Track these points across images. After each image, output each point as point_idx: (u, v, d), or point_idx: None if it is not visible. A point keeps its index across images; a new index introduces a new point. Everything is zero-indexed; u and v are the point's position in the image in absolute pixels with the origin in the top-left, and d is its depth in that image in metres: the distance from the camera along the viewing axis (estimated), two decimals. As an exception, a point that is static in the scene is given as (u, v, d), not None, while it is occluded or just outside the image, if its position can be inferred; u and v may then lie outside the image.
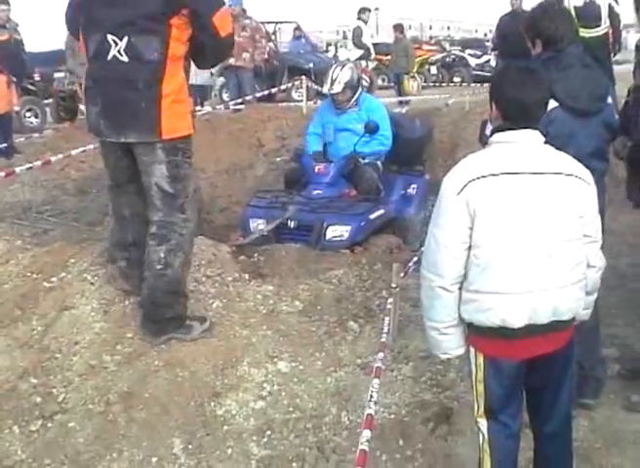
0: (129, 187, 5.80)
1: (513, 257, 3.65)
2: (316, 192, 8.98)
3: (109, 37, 5.23)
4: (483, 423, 3.90)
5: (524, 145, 3.79)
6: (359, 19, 19.65)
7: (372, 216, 8.73)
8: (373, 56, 20.53)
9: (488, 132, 4.49)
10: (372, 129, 9.15)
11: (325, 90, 9.45)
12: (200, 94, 16.75)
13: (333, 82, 9.39)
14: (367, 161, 9.27)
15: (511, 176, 3.66)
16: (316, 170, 9.15)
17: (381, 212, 8.98)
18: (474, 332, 3.84)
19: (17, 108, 15.00)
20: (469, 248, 3.71)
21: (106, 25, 5.27)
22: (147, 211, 5.52)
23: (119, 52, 5.21)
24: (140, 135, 5.32)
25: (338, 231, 8.27)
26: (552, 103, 4.71)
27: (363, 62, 19.31)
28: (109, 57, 5.25)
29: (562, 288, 3.75)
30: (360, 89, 9.75)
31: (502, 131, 3.82)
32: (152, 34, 5.18)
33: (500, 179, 3.65)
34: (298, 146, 10.55)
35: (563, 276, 3.75)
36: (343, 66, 9.61)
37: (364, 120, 9.30)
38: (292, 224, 8.42)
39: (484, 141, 4.57)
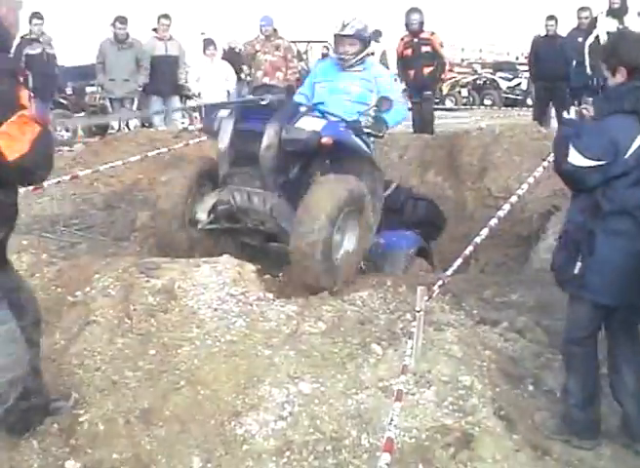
0: None
1: None
2: None
3: None
4: None
5: None
6: (376, 41, 19.43)
7: (354, 137, 7.79)
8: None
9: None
10: (386, 107, 7.87)
11: (334, 31, 8.34)
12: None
13: (344, 26, 8.26)
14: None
15: None
16: None
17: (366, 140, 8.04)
18: None
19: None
20: None
21: None
22: None
23: None
24: None
25: (311, 122, 7.38)
26: None
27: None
28: None
29: None
30: (369, 50, 8.54)
31: None
32: None
33: None
34: None
35: None
36: (356, 18, 8.34)
37: (368, 83, 8.24)
38: (262, 102, 7.50)
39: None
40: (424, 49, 14.60)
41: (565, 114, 5.38)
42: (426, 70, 14.63)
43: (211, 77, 15.64)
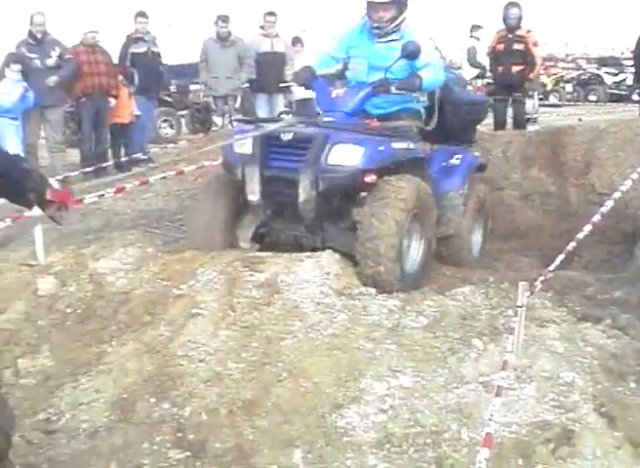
0: None
1: None
2: (328, 120, 7.34)
3: None
4: None
5: None
6: (472, 36, 19.26)
7: (395, 145, 7.18)
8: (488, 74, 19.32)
9: None
10: (411, 52, 7.30)
11: None
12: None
13: None
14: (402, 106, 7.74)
15: None
16: (333, 95, 7.60)
17: (409, 145, 7.41)
18: None
19: (137, 112, 15.32)
20: None
21: None
22: None
23: None
24: None
25: (346, 153, 6.79)
26: None
27: (479, 81, 18.78)
28: None
29: None
30: (405, 16, 7.83)
31: None
32: None
33: None
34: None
35: None
36: None
37: None
38: (285, 137, 6.97)
39: None
40: (516, 46, 14.22)
41: None
42: (515, 68, 14.21)
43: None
